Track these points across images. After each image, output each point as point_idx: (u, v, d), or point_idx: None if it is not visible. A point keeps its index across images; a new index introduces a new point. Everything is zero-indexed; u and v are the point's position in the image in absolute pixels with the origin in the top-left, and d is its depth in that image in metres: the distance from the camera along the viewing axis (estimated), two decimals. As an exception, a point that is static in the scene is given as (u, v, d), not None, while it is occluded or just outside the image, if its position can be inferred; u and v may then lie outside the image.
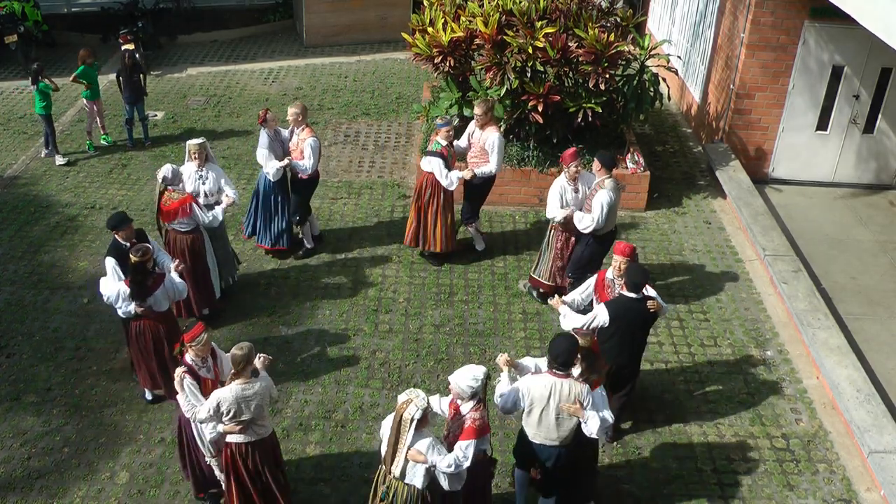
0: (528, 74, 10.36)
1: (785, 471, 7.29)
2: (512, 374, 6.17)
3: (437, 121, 9.33)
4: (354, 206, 11.06)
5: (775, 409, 7.94)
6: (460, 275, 9.73)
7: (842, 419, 7.76)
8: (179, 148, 12.39)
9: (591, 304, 7.31)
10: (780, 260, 9.69)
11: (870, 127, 11.47)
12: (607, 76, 10.16)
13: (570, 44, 10.17)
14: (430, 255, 9.81)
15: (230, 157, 12.21)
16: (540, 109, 10.22)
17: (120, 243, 7.40)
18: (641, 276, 6.85)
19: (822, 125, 11.50)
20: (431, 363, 8.35)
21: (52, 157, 12.02)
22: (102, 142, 12.55)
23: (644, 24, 15.56)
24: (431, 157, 9.22)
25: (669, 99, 12.49)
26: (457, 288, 9.50)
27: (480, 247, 10.06)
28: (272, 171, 9.12)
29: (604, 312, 6.84)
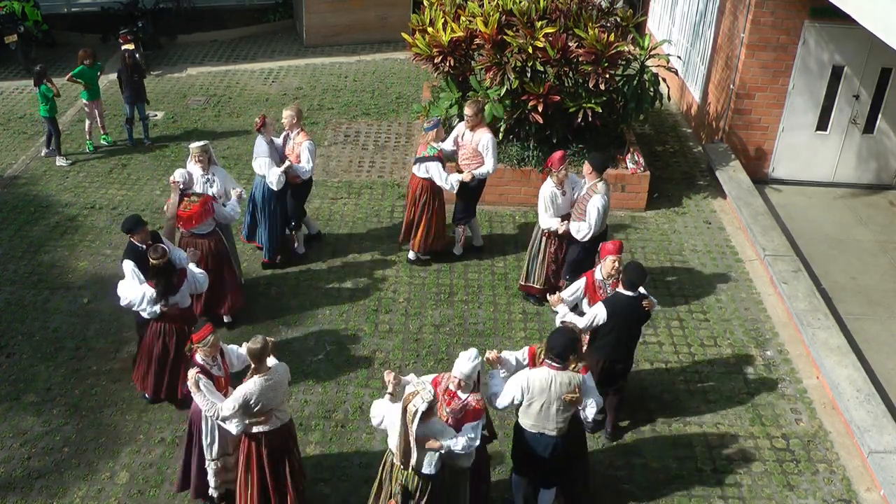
0: (528, 74, 10.36)
1: (785, 471, 7.29)
2: (499, 371, 6.35)
3: (425, 124, 9.23)
4: (354, 206, 11.06)
5: (775, 409, 7.94)
6: (460, 275, 9.73)
7: (842, 419, 7.76)
8: (180, 148, 12.39)
9: (578, 304, 7.46)
10: (780, 260, 9.69)
11: (870, 127, 11.47)
12: (607, 76, 10.16)
13: (570, 44, 10.17)
14: (416, 256, 9.78)
15: (230, 157, 12.21)
16: (540, 109, 10.22)
17: (136, 246, 7.37)
18: (639, 276, 6.93)
19: (822, 125, 11.50)
20: (431, 363, 8.35)
21: (53, 157, 12.02)
22: (102, 142, 12.55)
23: (644, 24, 15.56)
24: (428, 163, 9.14)
25: (669, 99, 12.50)
26: (457, 288, 9.50)
27: (458, 252, 9.98)
28: (275, 178, 8.87)
29: (602, 311, 6.94)
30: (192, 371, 6.11)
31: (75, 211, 10.81)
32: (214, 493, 6.63)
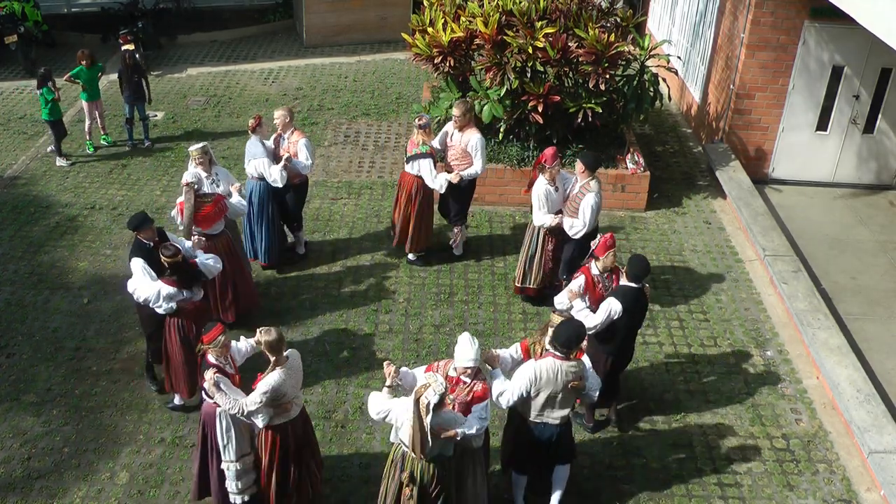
0: (528, 74, 10.36)
1: (785, 471, 7.29)
2: (498, 371, 6.37)
3: (416, 121, 9.18)
4: (354, 206, 11.06)
5: (775, 409, 7.94)
6: (460, 275, 9.73)
7: (842, 419, 7.76)
8: (180, 148, 12.39)
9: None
10: (780, 260, 9.69)
11: (870, 127, 11.47)
12: (607, 76, 10.17)
13: (570, 44, 10.17)
14: (411, 256, 9.80)
15: (230, 157, 12.20)
16: (540, 109, 10.22)
17: (144, 243, 7.34)
18: (644, 269, 7.04)
19: (822, 125, 11.50)
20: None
21: (54, 157, 12.01)
22: (102, 142, 12.55)
23: (644, 24, 15.56)
24: (420, 160, 9.12)
25: (669, 99, 12.49)
26: (457, 288, 9.50)
27: (458, 252, 9.97)
28: (278, 175, 8.83)
29: (617, 305, 6.99)
30: (210, 372, 6.05)
31: (75, 211, 10.81)
32: (238, 500, 6.47)
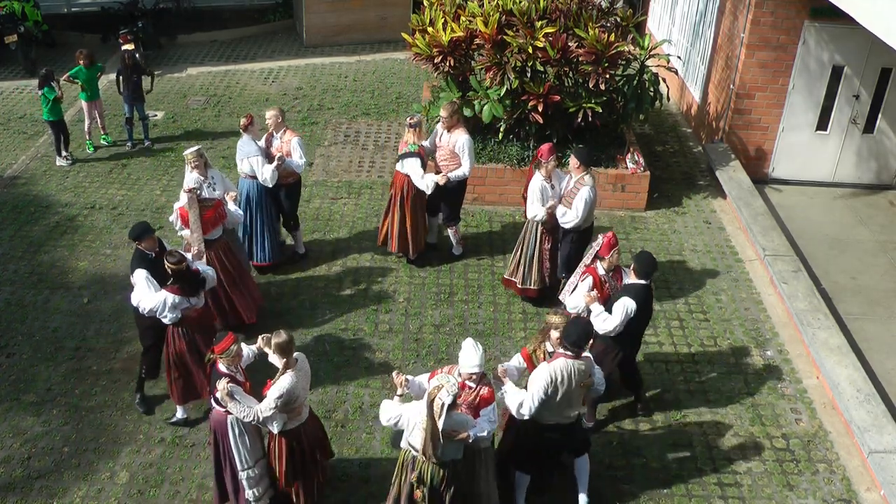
0: (528, 74, 10.36)
1: (785, 471, 7.29)
2: (508, 383, 6.37)
3: (408, 120, 9.21)
4: (354, 206, 11.06)
5: (775, 409, 7.94)
6: (460, 275, 9.73)
7: (842, 419, 7.76)
8: (180, 148, 12.38)
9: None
10: (780, 260, 9.69)
11: (870, 127, 11.47)
12: (607, 76, 10.17)
13: (570, 44, 10.18)
14: (405, 256, 9.79)
15: (230, 158, 12.16)
16: (540, 109, 10.23)
17: (146, 254, 7.26)
18: (652, 265, 7.12)
19: (822, 125, 11.50)
20: (431, 363, 8.35)
21: (54, 157, 12.01)
22: (102, 142, 12.56)
23: (644, 24, 15.56)
24: (408, 159, 9.12)
25: (669, 99, 12.50)
26: (457, 288, 9.50)
27: (458, 251, 9.97)
28: (269, 175, 8.87)
29: (632, 304, 7.04)
30: (223, 382, 5.99)
31: (75, 211, 10.81)
32: None
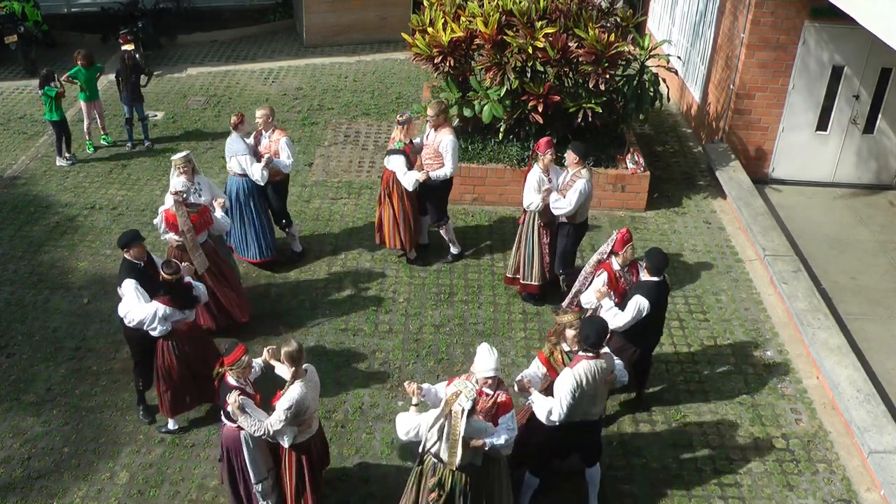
0: (528, 74, 10.36)
1: (785, 471, 7.29)
2: (534, 392, 6.37)
3: (398, 118, 9.25)
4: (354, 206, 11.06)
5: (775, 409, 7.94)
6: (460, 275, 9.73)
7: (842, 419, 7.76)
8: (180, 148, 12.37)
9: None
10: (780, 260, 9.69)
11: (870, 127, 11.47)
12: (607, 76, 10.17)
13: (570, 44, 10.18)
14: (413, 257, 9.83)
15: (230, 157, 12.20)
16: (540, 109, 10.23)
17: (134, 263, 7.18)
18: (663, 261, 7.14)
19: (822, 125, 11.50)
20: (431, 363, 8.35)
21: (55, 156, 12.02)
22: (102, 142, 12.56)
23: (644, 24, 15.56)
24: (393, 156, 9.17)
25: (669, 99, 12.50)
26: (457, 288, 9.50)
27: (456, 250, 9.96)
28: (258, 173, 8.93)
29: (645, 302, 7.07)
30: (234, 395, 5.90)
31: (75, 211, 10.81)
32: None
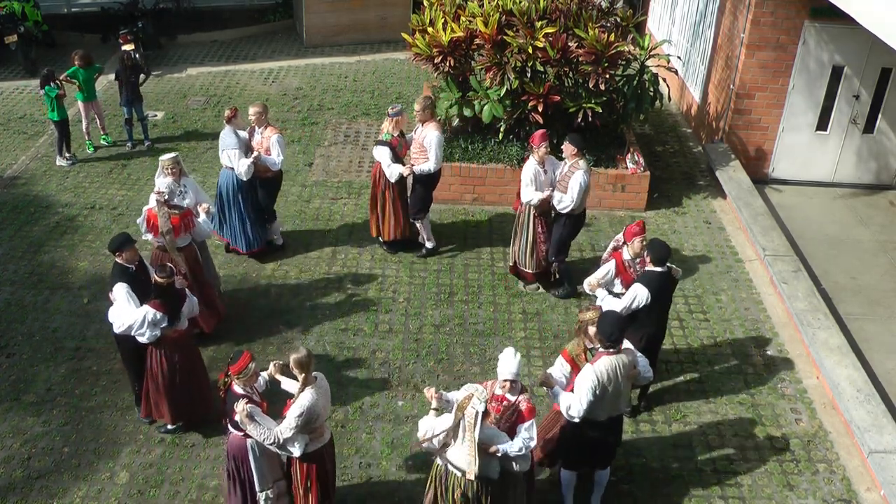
0: (528, 74, 10.36)
1: (785, 471, 7.29)
2: (556, 388, 6.35)
3: (389, 110, 9.39)
4: (354, 206, 11.06)
5: (775, 409, 7.94)
6: (460, 275, 9.73)
7: (842, 419, 7.76)
8: (179, 148, 12.39)
9: (614, 284, 7.60)
10: (780, 260, 9.69)
11: (870, 127, 11.47)
12: (607, 76, 10.17)
13: (570, 44, 10.18)
14: (386, 245, 9.97)
15: (230, 157, 12.20)
16: (540, 109, 10.23)
17: (125, 267, 7.13)
18: (665, 251, 7.15)
19: (822, 125, 11.50)
20: (431, 363, 8.35)
21: (55, 156, 12.01)
22: (102, 142, 12.56)
23: (644, 24, 15.56)
24: (380, 147, 9.32)
25: (669, 99, 12.50)
26: (457, 288, 9.50)
27: (431, 245, 10.00)
28: (244, 169, 9.03)
29: (644, 292, 7.07)
30: (241, 403, 5.78)
31: (75, 211, 10.81)
32: None
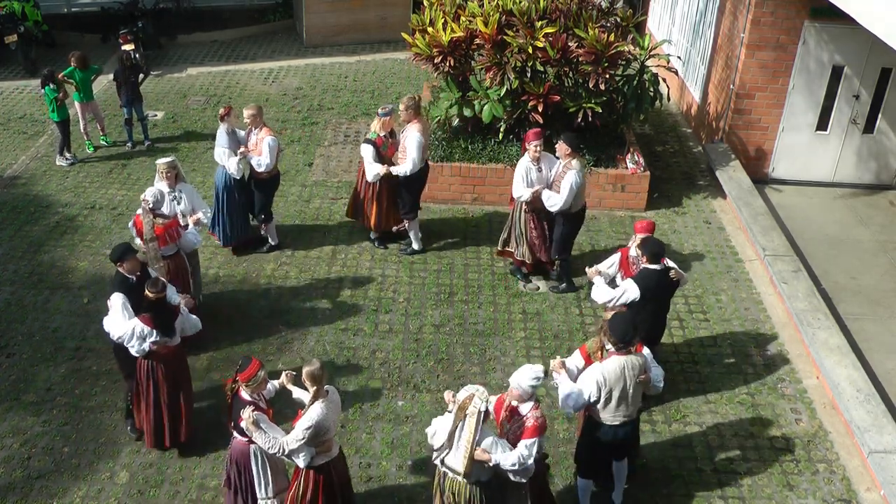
0: (528, 74, 10.36)
1: (785, 471, 7.29)
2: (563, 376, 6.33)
3: (379, 110, 9.48)
4: (354, 206, 11.06)
5: (775, 409, 7.94)
6: (460, 275, 9.73)
7: (842, 419, 7.76)
8: (179, 148, 12.41)
9: (616, 277, 7.65)
10: (780, 260, 9.69)
11: (870, 127, 11.47)
12: (607, 76, 10.17)
13: (570, 44, 10.18)
14: (377, 241, 10.05)
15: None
16: (540, 109, 10.23)
17: (126, 277, 7.07)
18: (659, 247, 7.18)
19: (822, 125, 11.50)
20: (431, 363, 8.35)
21: (54, 156, 12.02)
22: (102, 142, 12.56)
23: (644, 24, 15.56)
24: (364, 144, 9.45)
25: (669, 99, 12.50)
26: (457, 288, 9.50)
27: (417, 246, 10.00)
28: (233, 167, 9.19)
29: (633, 288, 7.08)
30: (248, 410, 5.72)
31: (75, 211, 10.81)
32: None
